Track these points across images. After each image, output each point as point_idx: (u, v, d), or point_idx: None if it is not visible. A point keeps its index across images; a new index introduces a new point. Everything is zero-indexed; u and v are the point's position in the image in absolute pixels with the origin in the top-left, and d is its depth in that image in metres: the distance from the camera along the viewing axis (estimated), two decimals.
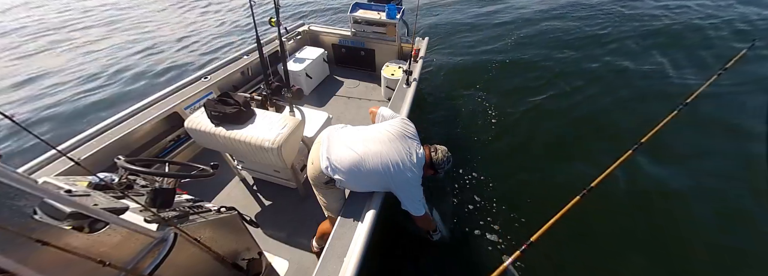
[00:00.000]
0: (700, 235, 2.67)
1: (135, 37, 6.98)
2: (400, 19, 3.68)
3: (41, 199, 0.70)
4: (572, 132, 3.83)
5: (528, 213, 2.88)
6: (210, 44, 6.66)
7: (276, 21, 2.52)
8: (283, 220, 2.50)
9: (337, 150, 1.68)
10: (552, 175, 3.27)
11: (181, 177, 1.37)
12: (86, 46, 6.59)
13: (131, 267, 0.90)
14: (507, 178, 3.24)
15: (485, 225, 2.81)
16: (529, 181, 3.21)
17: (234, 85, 3.38)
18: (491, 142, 3.70)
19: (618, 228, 2.78)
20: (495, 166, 3.37)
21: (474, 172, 3.28)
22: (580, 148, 3.61)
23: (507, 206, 2.96)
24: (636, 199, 3.00)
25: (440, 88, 4.75)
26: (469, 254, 2.64)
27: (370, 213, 1.75)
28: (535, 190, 3.11)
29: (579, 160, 3.38)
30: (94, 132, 2.34)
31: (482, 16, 6.99)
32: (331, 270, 1.50)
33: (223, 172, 2.76)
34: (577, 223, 2.46)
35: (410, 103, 2.74)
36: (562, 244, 2.58)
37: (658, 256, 2.56)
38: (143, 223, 0.96)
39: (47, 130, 4.21)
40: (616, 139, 3.51)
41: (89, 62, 5.92)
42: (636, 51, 5.39)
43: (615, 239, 2.70)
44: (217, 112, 1.96)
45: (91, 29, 7.40)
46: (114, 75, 5.49)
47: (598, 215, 2.80)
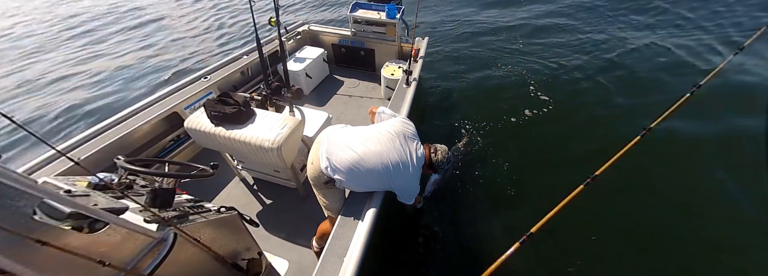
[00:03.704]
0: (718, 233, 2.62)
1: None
2: (400, 19, 3.68)
3: (41, 200, 0.70)
4: (577, 124, 3.86)
5: (531, 207, 2.88)
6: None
7: (276, 21, 2.52)
8: (283, 220, 2.50)
9: (337, 150, 1.68)
10: (557, 168, 3.27)
11: (181, 177, 1.38)
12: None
13: (131, 267, 0.90)
14: (508, 176, 3.24)
15: (485, 222, 2.82)
16: (532, 176, 3.22)
17: (234, 85, 3.38)
18: (493, 140, 3.70)
19: (624, 219, 2.74)
20: (495, 165, 3.37)
21: (474, 171, 3.28)
22: (583, 139, 3.63)
23: (508, 203, 2.96)
24: (642, 189, 2.97)
25: (440, 87, 4.75)
26: (468, 250, 2.64)
27: (370, 213, 1.75)
28: (539, 184, 3.11)
29: (583, 153, 3.40)
30: (94, 132, 2.34)
31: (483, 16, 6.98)
32: (331, 270, 1.50)
33: (222, 172, 2.76)
34: (581, 213, 2.44)
35: (410, 103, 2.74)
36: (564, 236, 2.56)
37: (662, 252, 2.54)
38: (143, 223, 0.96)
39: (48, 129, 4.21)
40: (626, 124, 3.51)
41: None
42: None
43: (620, 231, 2.67)
44: (217, 112, 1.96)
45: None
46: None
47: (603, 205, 2.76)
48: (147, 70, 5.62)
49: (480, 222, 2.84)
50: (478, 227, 2.79)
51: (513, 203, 2.97)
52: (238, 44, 6.49)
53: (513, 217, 2.83)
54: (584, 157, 3.32)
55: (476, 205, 2.98)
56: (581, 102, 4.24)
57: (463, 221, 2.85)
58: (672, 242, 2.61)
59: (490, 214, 2.90)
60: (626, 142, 2.08)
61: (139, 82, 5.29)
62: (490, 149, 3.58)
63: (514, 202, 2.98)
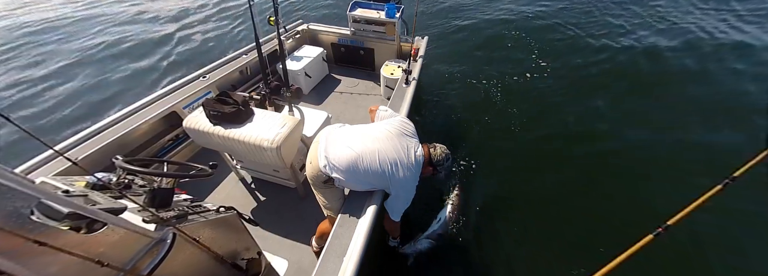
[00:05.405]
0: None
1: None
2: (399, 18, 3.67)
3: (38, 200, 0.69)
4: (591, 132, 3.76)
5: (531, 212, 2.87)
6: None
7: (275, 20, 2.51)
8: (283, 219, 2.50)
9: (336, 149, 1.68)
10: (562, 176, 3.23)
11: (180, 177, 1.37)
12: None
13: (130, 267, 0.89)
14: (508, 178, 3.24)
15: (485, 224, 2.82)
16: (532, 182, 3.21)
17: (233, 85, 3.37)
18: (494, 141, 3.70)
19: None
20: (496, 165, 3.37)
21: (475, 170, 3.28)
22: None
23: (509, 206, 2.96)
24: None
25: (440, 87, 4.74)
26: (468, 254, 2.64)
27: (370, 212, 1.75)
28: (540, 189, 3.11)
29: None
30: (92, 132, 2.33)
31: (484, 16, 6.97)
32: (331, 269, 1.50)
33: (222, 171, 2.76)
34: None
35: (409, 102, 2.74)
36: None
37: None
38: (142, 223, 0.95)
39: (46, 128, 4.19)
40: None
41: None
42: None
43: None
44: (216, 112, 1.96)
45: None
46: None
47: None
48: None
49: (480, 222, 2.84)
50: (480, 229, 2.79)
51: (515, 207, 2.95)
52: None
53: (514, 222, 2.82)
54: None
55: (478, 205, 2.97)
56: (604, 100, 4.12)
57: (464, 219, 2.85)
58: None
59: (491, 218, 2.90)
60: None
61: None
62: (493, 149, 3.58)
63: (514, 207, 2.96)
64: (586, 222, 2.80)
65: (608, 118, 3.96)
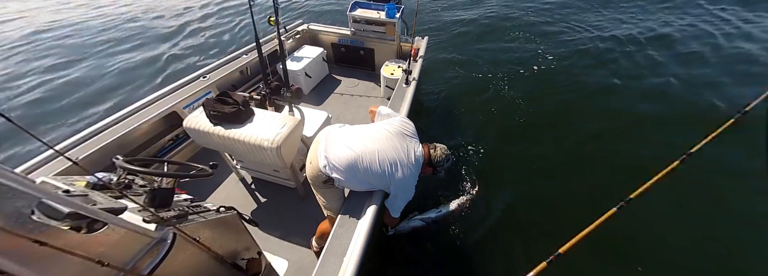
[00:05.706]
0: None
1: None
2: (399, 18, 3.67)
3: (39, 200, 0.69)
4: (593, 132, 3.76)
5: (538, 217, 2.86)
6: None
7: (275, 20, 2.52)
8: (283, 219, 2.50)
9: (335, 149, 1.68)
10: (569, 179, 3.21)
11: (180, 177, 1.37)
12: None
13: (130, 267, 0.89)
14: (508, 178, 3.24)
15: (485, 224, 2.81)
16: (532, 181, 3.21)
17: (233, 85, 3.37)
18: (495, 142, 3.69)
19: (661, 245, 2.54)
20: (497, 166, 3.37)
21: (475, 171, 3.28)
22: (600, 151, 3.49)
23: (509, 206, 2.96)
24: (683, 213, 2.75)
25: (440, 87, 4.74)
26: (470, 255, 2.64)
27: (370, 212, 1.75)
28: (543, 191, 3.09)
29: (602, 165, 3.31)
30: (92, 131, 2.33)
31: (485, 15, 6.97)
32: (331, 269, 1.50)
33: (222, 171, 2.76)
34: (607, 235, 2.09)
35: (410, 103, 2.74)
36: (595, 258, 2.37)
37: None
38: (142, 223, 0.95)
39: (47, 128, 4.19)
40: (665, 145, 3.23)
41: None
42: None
43: (656, 258, 2.48)
44: (216, 112, 1.96)
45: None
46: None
47: (636, 229, 2.56)
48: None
49: (480, 224, 2.84)
50: (480, 231, 2.79)
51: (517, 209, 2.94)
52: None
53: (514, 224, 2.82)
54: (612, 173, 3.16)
55: (478, 206, 2.97)
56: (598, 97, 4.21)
57: (464, 221, 2.85)
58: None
59: (489, 215, 2.90)
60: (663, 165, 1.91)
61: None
62: (494, 150, 3.58)
63: (528, 217, 2.92)
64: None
65: (623, 113, 3.99)
